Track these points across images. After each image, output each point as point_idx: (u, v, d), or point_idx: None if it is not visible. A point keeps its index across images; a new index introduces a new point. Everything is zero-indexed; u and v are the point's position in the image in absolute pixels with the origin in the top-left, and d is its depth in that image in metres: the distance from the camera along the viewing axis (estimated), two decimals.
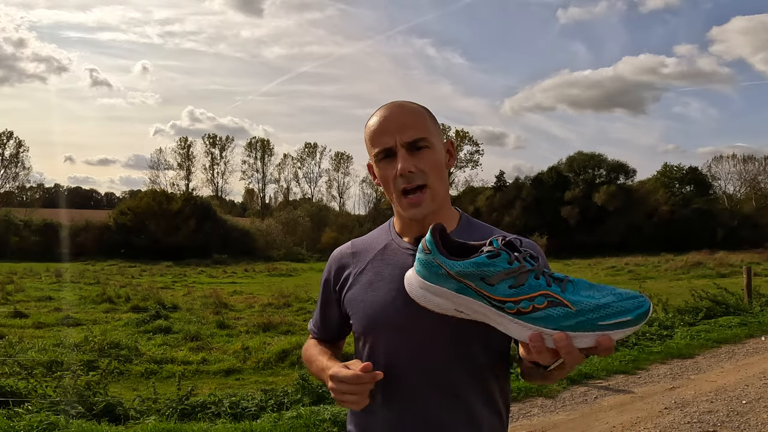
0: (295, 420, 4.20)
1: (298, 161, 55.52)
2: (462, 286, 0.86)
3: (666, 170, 47.62)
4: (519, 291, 0.83)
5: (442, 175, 1.14)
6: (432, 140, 1.12)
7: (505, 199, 44.00)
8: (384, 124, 1.12)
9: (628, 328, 0.82)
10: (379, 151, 1.12)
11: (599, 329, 0.81)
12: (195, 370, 6.70)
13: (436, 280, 0.87)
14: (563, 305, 0.82)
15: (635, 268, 23.99)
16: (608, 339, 0.83)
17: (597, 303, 0.82)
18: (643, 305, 0.82)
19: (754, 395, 4.89)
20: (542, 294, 0.83)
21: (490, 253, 0.84)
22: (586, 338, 0.82)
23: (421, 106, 1.17)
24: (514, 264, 0.84)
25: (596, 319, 0.81)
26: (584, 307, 0.82)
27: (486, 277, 0.84)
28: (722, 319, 8.35)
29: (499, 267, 0.83)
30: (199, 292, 14.87)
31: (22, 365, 5.14)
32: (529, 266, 0.84)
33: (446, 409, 1.08)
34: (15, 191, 46.29)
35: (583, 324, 0.82)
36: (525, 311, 0.83)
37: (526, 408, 4.67)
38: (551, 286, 0.84)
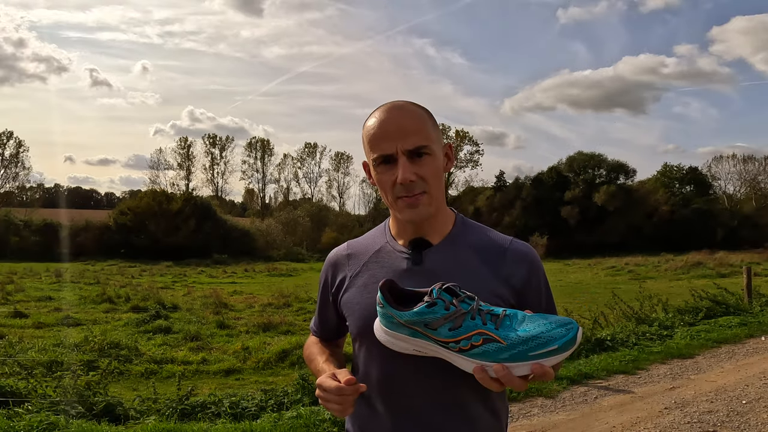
0: (295, 420, 4.20)
1: (298, 161, 55.59)
2: (413, 331, 0.97)
3: (666, 170, 47.63)
4: (457, 332, 0.94)
5: (441, 181, 1.13)
6: (433, 147, 1.10)
7: (505, 199, 44.01)
8: (384, 129, 1.09)
9: (558, 355, 0.92)
10: (378, 156, 1.09)
11: (531, 359, 0.91)
12: (195, 370, 6.70)
13: (393, 327, 0.99)
14: (496, 341, 0.93)
15: (635, 268, 23.99)
16: (540, 367, 0.90)
17: (526, 336, 0.92)
18: (569, 332, 0.92)
19: (754, 395, 4.89)
20: (477, 333, 0.94)
21: (428, 303, 0.94)
22: (522, 368, 0.92)
23: (422, 109, 1.14)
24: (450, 309, 0.94)
25: (527, 350, 0.91)
26: (514, 341, 0.92)
27: (428, 323, 0.95)
28: (722, 319, 8.34)
29: (438, 314, 0.94)
30: (199, 292, 14.88)
31: (22, 365, 5.14)
32: (465, 309, 0.94)
33: (443, 411, 1.08)
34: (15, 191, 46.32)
35: (516, 356, 0.92)
36: (465, 349, 0.95)
37: (526, 408, 4.66)
38: (486, 324, 0.94)
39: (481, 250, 1.14)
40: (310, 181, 55.62)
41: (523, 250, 1.16)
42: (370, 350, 1.14)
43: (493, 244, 1.16)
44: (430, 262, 1.12)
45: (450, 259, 1.12)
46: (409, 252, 1.14)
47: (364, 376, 1.14)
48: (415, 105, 1.14)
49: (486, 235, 1.18)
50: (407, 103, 1.14)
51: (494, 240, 1.17)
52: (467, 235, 1.17)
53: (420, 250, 1.14)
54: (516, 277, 1.12)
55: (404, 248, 1.16)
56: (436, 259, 1.13)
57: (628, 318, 8.06)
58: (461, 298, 0.95)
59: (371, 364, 1.13)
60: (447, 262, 1.12)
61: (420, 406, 1.08)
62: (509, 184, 45.84)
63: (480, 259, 1.13)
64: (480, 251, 1.14)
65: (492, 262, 1.13)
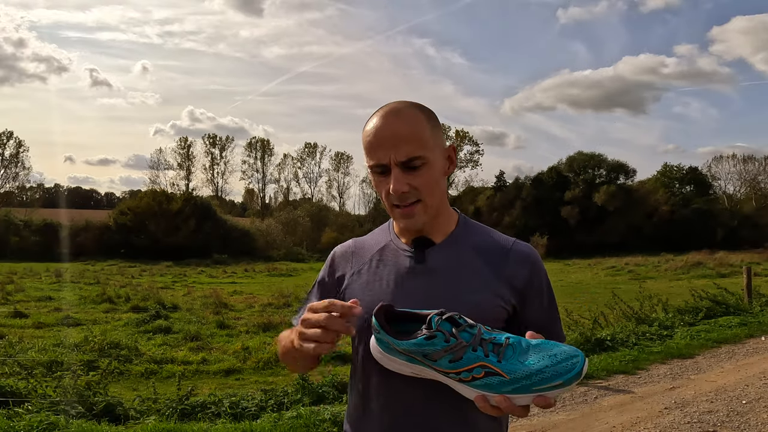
0: (295, 420, 4.20)
1: (298, 161, 55.61)
2: (410, 358, 0.95)
3: (666, 170, 47.62)
4: (458, 365, 0.92)
5: (437, 188, 1.12)
6: (428, 155, 1.07)
7: (505, 199, 44.00)
8: (379, 137, 1.07)
9: (562, 389, 0.90)
10: (374, 165, 1.09)
11: (534, 392, 0.90)
12: (195, 370, 6.70)
13: (389, 352, 0.97)
14: (498, 375, 0.90)
15: (635, 268, 23.99)
16: (543, 399, 0.89)
17: (531, 370, 0.89)
18: (575, 367, 0.89)
19: (754, 395, 4.89)
20: (479, 365, 0.91)
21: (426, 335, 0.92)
22: (523, 399, 0.91)
23: (422, 112, 1.11)
24: (451, 341, 0.91)
25: (530, 385, 0.89)
26: (518, 375, 0.89)
27: (428, 355, 0.93)
28: (722, 319, 8.34)
29: (437, 346, 0.91)
30: (199, 292, 14.88)
31: (22, 365, 5.14)
32: (466, 340, 0.92)
33: (442, 413, 1.08)
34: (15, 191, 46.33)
35: (518, 390, 0.90)
36: (466, 380, 0.92)
37: None
38: (488, 356, 0.91)
39: (483, 251, 1.14)
40: (310, 181, 55.70)
41: (525, 251, 1.15)
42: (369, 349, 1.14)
43: (495, 244, 1.16)
44: (433, 261, 1.12)
45: (452, 259, 1.12)
46: (412, 250, 1.14)
47: (364, 376, 1.14)
48: (415, 108, 1.11)
49: (488, 235, 1.18)
50: (407, 106, 1.11)
51: (497, 241, 1.17)
52: (470, 236, 1.17)
53: (423, 249, 1.14)
54: (518, 277, 1.12)
55: (407, 246, 1.16)
56: (438, 258, 1.13)
57: (628, 318, 8.06)
58: (462, 328, 0.92)
59: (371, 364, 1.13)
60: (449, 261, 1.12)
61: (419, 407, 1.08)
62: (509, 184, 45.82)
63: (482, 259, 1.13)
64: (482, 251, 1.14)
65: (494, 262, 1.12)
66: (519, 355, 0.91)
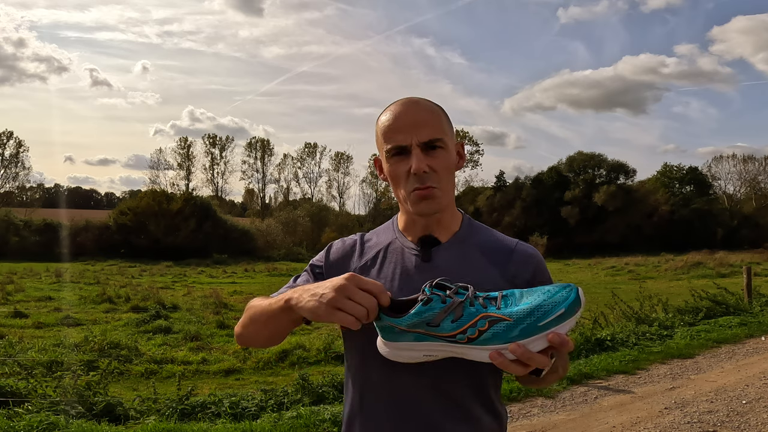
0: (295, 420, 4.20)
1: (298, 161, 55.59)
2: (417, 334, 0.94)
3: (666, 170, 47.64)
4: (461, 322, 0.91)
5: (452, 176, 1.15)
6: (446, 141, 1.11)
7: (505, 199, 43.99)
8: (399, 121, 1.10)
9: (569, 320, 0.89)
10: (391, 148, 1.10)
11: (543, 330, 0.88)
12: (195, 370, 6.70)
13: (396, 338, 0.96)
14: (502, 320, 0.90)
15: (635, 268, 24.00)
16: (556, 335, 0.87)
17: (530, 307, 0.89)
18: (570, 294, 0.90)
19: (754, 395, 4.89)
20: (481, 317, 0.91)
21: (423, 300, 0.92)
22: (537, 341, 0.89)
23: (437, 105, 1.15)
24: (447, 301, 0.91)
25: (535, 321, 0.88)
26: (520, 315, 0.89)
27: (430, 321, 0.92)
28: (722, 319, 8.35)
29: (435, 308, 0.91)
30: (199, 292, 14.88)
31: (22, 365, 5.15)
32: (461, 297, 0.92)
33: (443, 411, 1.08)
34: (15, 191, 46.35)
35: (526, 330, 0.88)
36: (474, 337, 0.91)
37: (526, 408, 4.66)
38: (487, 307, 0.92)
39: (488, 251, 1.15)
40: (310, 181, 55.67)
41: (528, 252, 1.17)
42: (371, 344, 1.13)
43: (499, 245, 1.17)
44: (439, 260, 1.13)
45: (458, 258, 1.13)
46: (418, 249, 1.15)
47: (363, 375, 1.14)
48: (430, 101, 1.15)
49: (493, 236, 1.20)
50: (422, 99, 1.15)
51: (501, 241, 1.18)
52: (475, 236, 1.18)
53: (429, 248, 1.14)
54: (521, 278, 1.13)
55: (413, 245, 1.16)
56: (444, 257, 1.13)
57: (628, 318, 8.06)
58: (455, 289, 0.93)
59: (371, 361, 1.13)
60: (455, 260, 1.13)
61: (420, 405, 1.08)
62: (509, 184, 45.82)
63: (487, 259, 1.14)
64: (487, 251, 1.15)
65: (499, 262, 1.13)
66: (515, 301, 0.92)
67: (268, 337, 1.16)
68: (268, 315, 1.08)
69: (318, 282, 1.00)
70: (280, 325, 1.08)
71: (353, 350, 1.17)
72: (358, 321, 0.92)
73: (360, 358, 1.15)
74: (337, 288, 0.92)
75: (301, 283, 1.21)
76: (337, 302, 0.92)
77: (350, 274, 0.95)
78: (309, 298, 0.96)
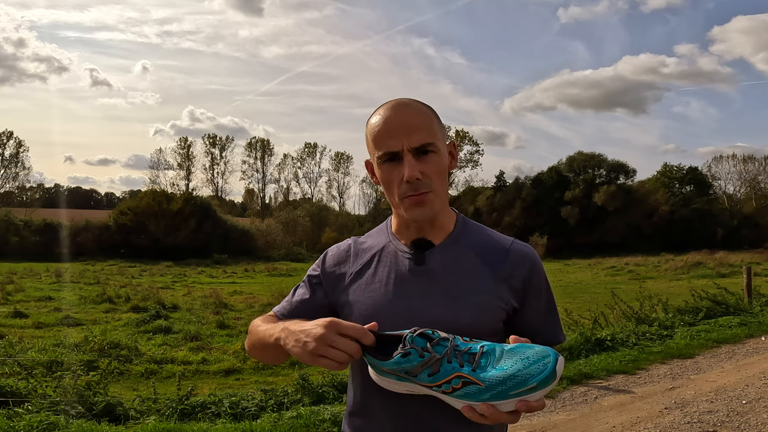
0: (295, 420, 4.20)
1: (298, 161, 55.62)
2: (398, 376, 0.97)
3: (666, 170, 47.64)
4: (436, 378, 0.93)
5: (446, 179, 1.13)
6: (438, 144, 1.09)
7: (505, 199, 43.99)
8: (390, 126, 1.07)
9: (540, 391, 0.90)
10: (383, 154, 1.08)
11: (513, 398, 0.90)
12: (195, 370, 6.70)
13: (380, 373, 0.99)
14: (474, 383, 0.91)
15: (635, 268, 23.99)
16: (525, 404, 0.89)
17: (504, 375, 0.90)
18: (546, 368, 0.89)
19: (754, 395, 4.89)
20: (456, 376, 0.92)
21: (401, 353, 0.94)
22: (506, 405, 0.91)
23: (427, 107, 1.13)
24: (425, 356, 0.93)
25: (506, 390, 0.89)
26: (492, 382, 0.90)
27: (408, 371, 0.94)
28: (722, 319, 8.34)
29: (414, 362, 0.93)
30: (199, 292, 14.88)
31: (22, 365, 5.15)
32: (440, 353, 0.93)
33: (443, 414, 1.07)
34: (15, 191, 46.37)
35: (496, 396, 0.90)
36: (447, 392, 0.94)
37: None
38: (463, 366, 0.93)
39: (482, 251, 1.14)
40: (310, 181, 55.71)
41: (524, 251, 1.15)
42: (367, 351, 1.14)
43: (494, 244, 1.16)
44: (432, 263, 1.12)
45: (452, 260, 1.12)
46: (412, 252, 1.14)
47: (362, 378, 1.13)
48: (420, 103, 1.13)
49: (487, 235, 1.18)
50: (412, 100, 1.13)
51: (496, 241, 1.17)
52: (469, 236, 1.17)
53: (422, 250, 1.14)
54: (517, 277, 1.12)
55: (407, 248, 1.15)
56: (438, 260, 1.12)
57: (628, 318, 8.06)
58: (435, 341, 0.94)
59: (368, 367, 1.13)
60: (449, 262, 1.12)
61: (420, 408, 1.08)
62: (509, 184, 45.82)
63: (481, 259, 1.13)
64: (481, 252, 1.14)
65: (493, 262, 1.12)
66: (494, 362, 0.92)
67: (271, 359, 1.20)
68: (264, 345, 1.11)
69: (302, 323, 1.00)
70: (276, 353, 1.11)
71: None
72: (342, 364, 0.95)
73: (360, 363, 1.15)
74: (319, 338, 0.93)
75: (299, 297, 1.22)
76: (319, 350, 0.93)
77: (330, 320, 0.95)
78: (294, 344, 0.98)
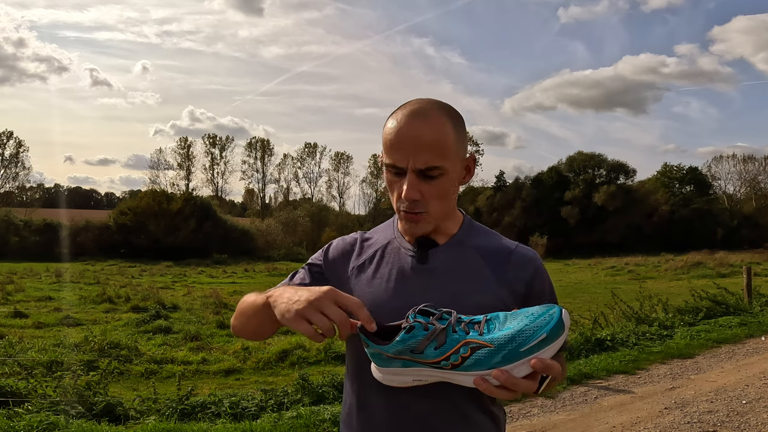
0: (295, 420, 4.20)
1: (298, 161, 55.66)
2: (404, 361, 0.94)
3: (666, 170, 47.66)
4: (443, 349, 0.90)
5: (448, 198, 1.10)
6: (446, 166, 1.05)
7: (505, 199, 44.00)
8: (400, 138, 1.04)
9: (552, 344, 0.87)
10: (389, 165, 1.08)
11: (525, 355, 0.86)
12: (195, 370, 6.70)
13: (386, 364, 0.96)
14: (483, 346, 0.88)
15: (635, 268, 23.99)
16: (539, 361, 0.86)
17: (512, 332, 0.87)
18: (552, 318, 0.87)
19: (754, 395, 4.89)
20: (463, 344, 0.89)
21: (406, 328, 0.91)
22: (520, 367, 0.87)
23: (448, 116, 1.07)
24: (429, 328, 0.90)
25: (516, 347, 0.86)
26: (501, 341, 0.87)
27: (414, 349, 0.91)
28: (722, 319, 8.34)
29: (419, 336, 0.90)
30: (199, 292, 14.87)
31: (22, 365, 5.15)
32: (444, 324, 0.91)
33: (442, 414, 1.08)
34: (15, 191, 46.37)
35: (508, 356, 0.87)
36: (457, 363, 0.90)
37: (526, 408, 4.66)
38: (469, 333, 0.90)
39: (486, 254, 1.14)
40: (310, 181, 55.74)
41: (528, 255, 1.15)
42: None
43: (498, 247, 1.16)
44: (435, 262, 1.12)
45: (455, 260, 1.12)
46: (415, 250, 1.14)
47: (361, 376, 1.13)
48: (442, 111, 1.07)
49: (492, 238, 1.18)
50: (434, 108, 1.07)
51: (500, 244, 1.17)
52: (473, 238, 1.17)
53: (426, 249, 1.14)
54: (519, 281, 1.12)
55: (411, 246, 1.15)
56: (441, 259, 1.13)
57: (628, 318, 8.06)
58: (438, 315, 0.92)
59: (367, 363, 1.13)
60: (451, 262, 1.12)
61: (418, 408, 1.08)
62: (509, 184, 45.84)
63: (485, 262, 1.13)
64: (485, 254, 1.14)
65: (496, 265, 1.12)
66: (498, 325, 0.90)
67: (254, 330, 1.15)
68: (254, 309, 1.08)
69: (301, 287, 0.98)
70: (263, 319, 1.06)
71: (353, 352, 1.17)
72: (321, 335, 0.91)
73: (358, 360, 1.15)
74: (312, 299, 0.91)
75: (297, 280, 1.20)
76: (306, 312, 0.90)
77: (330, 288, 0.93)
78: (284, 301, 0.95)
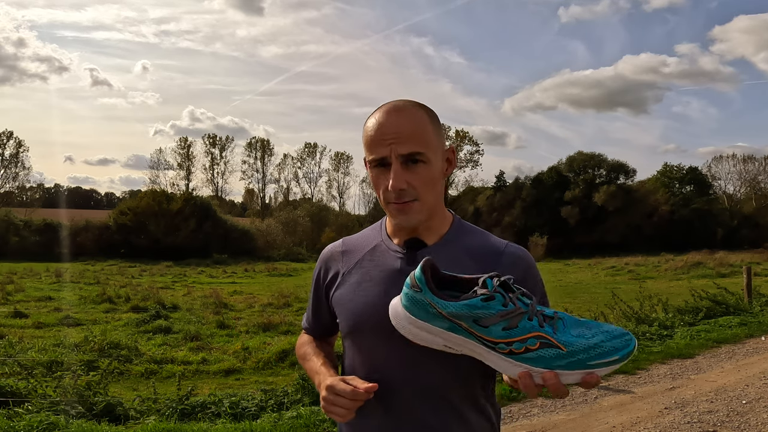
0: (295, 420, 4.20)
1: (298, 161, 55.62)
2: (453, 325, 0.87)
3: (666, 170, 47.64)
4: (512, 333, 0.85)
5: (435, 188, 1.11)
6: (428, 154, 1.07)
7: (505, 199, 43.99)
8: (381, 132, 1.07)
9: (614, 366, 0.86)
10: (372, 159, 1.09)
11: (588, 368, 0.85)
12: (195, 370, 6.70)
13: (425, 317, 0.88)
14: (555, 347, 0.84)
15: (635, 268, 23.98)
16: (595, 377, 0.86)
17: (588, 344, 0.84)
18: (629, 344, 0.85)
19: (754, 395, 4.89)
20: (535, 336, 0.85)
21: (484, 296, 0.84)
22: (573, 376, 0.85)
23: (424, 110, 1.11)
24: (509, 306, 0.85)
25: (587, 359, 0.84)
26: (576, 348, 0.84)
27: (479, 320, 0.85)
28: (722, 319, 8.34)
29: (493, 310, 0.84)
30: (199, 292, 14.88)
31: (22, 365, 5.15)
32: (524, 308, 0.85)
33: (434, 412, 1.08)
34: (15, 191, 46.34)
35: (573, 364, 0.84)
36: (518, 352, 0.85)
37: (526, 408, 4.66)
38: (543, 327, 0.85)
39: (476, 253, 1.13)
40: (310, 181, 55.70)
41: (518, 254, 1.14)
42: (360, 349, 1.14)
43: (488, 247, 1.15)
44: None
45: (444, 261, 1.11)
46: (404, 251, 1.14)
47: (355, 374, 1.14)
48: (417, 107, 1.11)
49: (482, 238, 1.18)
50: (409, 104, 1.11)
51: (490, 243, 1.16)
52: (463, 238, 1.16)
53: (414, 251, 1.13)
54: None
55: (399, 248, 1.15)
56: None
57: (628, 318, 8.06)
58: (517, 294, 0.86)
59: (362, 364, 1.13)
60: (441, 263, 1.11)
61: (412, 407, 1.08)
62: (509, 184, 45.83)
63: (474, 261, 1.12)
64: (475, 254, 1.13)
65: (487, 264, 1.11)
66: (570, 329, 0.86)
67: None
68: (313, 379, 1.23)
69: (320, 374, 1.16)
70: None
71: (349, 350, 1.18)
72: (345, 417, 1.05)
73: (352, 358, 1.16)
74: (324, 399, 1.07)
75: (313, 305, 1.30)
76: (327, 410, 1.07)
77: (327, 386, 1.06)
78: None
